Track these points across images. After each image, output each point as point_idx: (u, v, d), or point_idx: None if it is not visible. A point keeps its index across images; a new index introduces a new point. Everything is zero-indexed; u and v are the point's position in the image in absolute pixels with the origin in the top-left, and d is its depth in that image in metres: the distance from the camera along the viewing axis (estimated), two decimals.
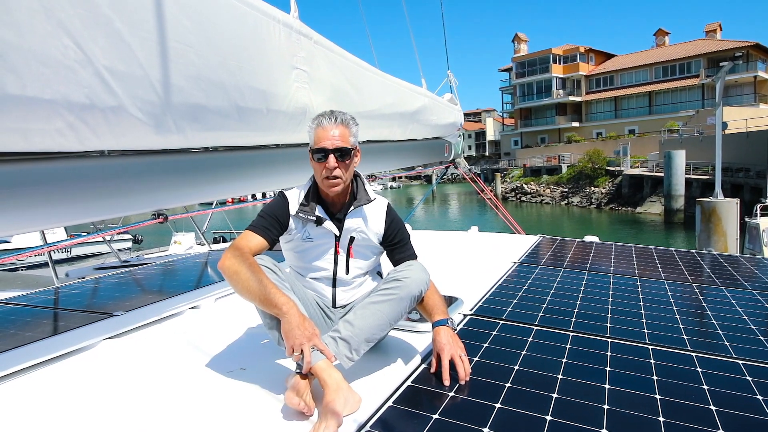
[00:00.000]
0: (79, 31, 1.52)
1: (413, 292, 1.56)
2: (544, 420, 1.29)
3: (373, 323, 1.50)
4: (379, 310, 1.52)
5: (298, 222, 1.68)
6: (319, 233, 1.68)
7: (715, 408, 1.36)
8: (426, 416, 1.30)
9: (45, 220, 1.69)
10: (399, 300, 1.53)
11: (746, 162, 22.85)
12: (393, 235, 1.74)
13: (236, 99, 2.19)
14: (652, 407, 1.36)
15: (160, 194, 2.09)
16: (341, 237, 1.70)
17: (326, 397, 1.30)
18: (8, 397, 1.51)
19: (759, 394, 1.45)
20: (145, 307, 2.43)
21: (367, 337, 1.49)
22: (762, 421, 1.30)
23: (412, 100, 4.01)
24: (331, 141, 1.60)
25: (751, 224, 10.94)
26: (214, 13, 2.07)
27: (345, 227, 1.69)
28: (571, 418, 1.30)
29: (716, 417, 1.31)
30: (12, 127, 1.44)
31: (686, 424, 1.28)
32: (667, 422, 1.28)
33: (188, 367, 1.68)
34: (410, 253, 1.77)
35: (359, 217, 1.70)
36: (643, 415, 1.32)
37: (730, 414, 1.33)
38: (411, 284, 1.55)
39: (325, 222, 1.67)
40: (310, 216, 1.65)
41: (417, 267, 1.62)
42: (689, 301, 2.40)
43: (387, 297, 1.54)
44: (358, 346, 1.48)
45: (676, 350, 1.77)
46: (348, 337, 1.47)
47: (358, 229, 1.70)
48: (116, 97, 1.67)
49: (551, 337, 1.86)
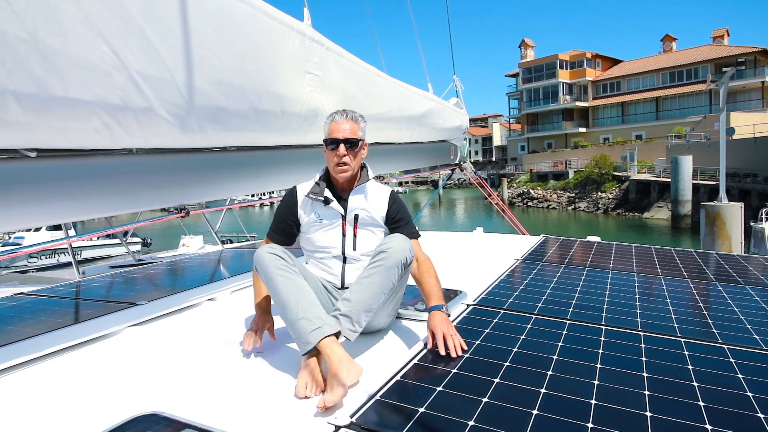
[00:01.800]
0: (115, 38, 1.67)
1: (398, 260, 1.70)
2: (539, 392, 1.41)
3: (367, 294, 1.65)
4: (371, 282, 1.67)
5: (308, 205, 1.90)
6: (328, 213, 1.89)
7: (698, 384, 1.48)
8: (431, 389, 1.43)
9: (81, 211, 1.84)
10: (386, 269, 1.68)
11: (754, 167, 22.82)
12: (395, 214, 1.92)
13: (254, 101, 2.33)
14: (639, 383, 1.47)
15: (182, 190, 2.23)
16: (347, 215, 1.90)
17: (331, 369, 1.43)
18: (40, 379, 1.63)
19: (740, 373, 1.57)
20: (165, 298, 2.57)
21: (365, 308, 1.64)
22: (739, 395, 1.42)
23: (419, 103, 4.14)
24: (342, 133, 1.85)
25: (756, 228, 10.98)
26: (234, 21, 2.22)
27: (349, 206, 1.90)
28: (563, 391, 1.42)
29: (698, 392, 1.43)
30: (55, 126, 1.59)
31: (670, 397, 1.39)
32: (652, 395, 1.40)
33: (208, 352, 1.82)
34: (411, 231, 1.93)
35: (362, 195, 1.91)
36: (630, 389, 1.44)
37: (711, 390, 1.45)
38: (394, 253, 1.70)
39: (332, 202, 1.88)
40: (319, 197, 1.87)
41: (398, 237, 1.78)
42: (683, 294, 2.51)
43: (376, 269, 1.69)
44: (358, 318, 1.62)
45: (666, 336, 1.88)
46: (347, 312, 1.61)
47: (361, 207, 1.90)
48: (146, 99, 1.82)
49: (549, 325, 1.98)
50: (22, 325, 2.18)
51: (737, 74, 35.93)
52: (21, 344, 1.92)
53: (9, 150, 1.60)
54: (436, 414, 1.29)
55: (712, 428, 1.24)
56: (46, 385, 1.58)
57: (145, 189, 2.07)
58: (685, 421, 1.27)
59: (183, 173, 2.24)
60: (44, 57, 1.47)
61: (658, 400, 1.37)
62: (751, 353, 1.74)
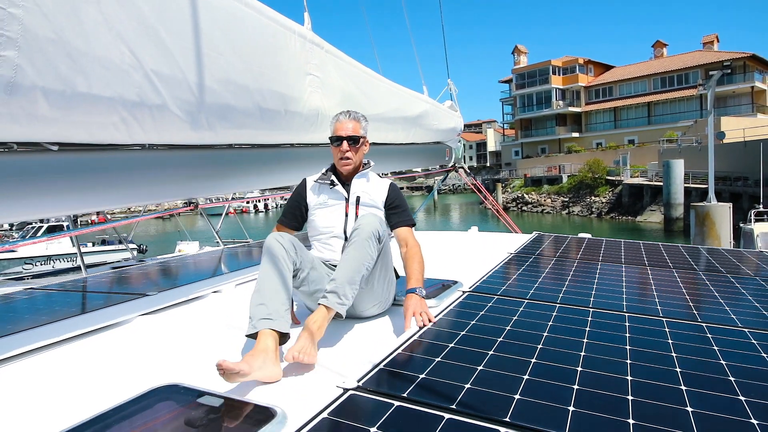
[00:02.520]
0: (132, 39, 1.79)
1: (369, 232, 1.83)
2: (529, 362, 1.53)
3: (348, 268, 1.78)
4: (349, 257, 1.80)
5: (316, 189, 2.13)
6: (333, 195, 2.11)
7: (676, 354, 1.60)
8: (430, 359, 1.54)
9: (98, 202, 1.95)
10: (360, 242, 1.82)
11: (744, 171, 23.12)
12: (392, 200, 2.13)
13: (259, 100, 2.46)
14: (622, 354, 1.60)
15: (192, 184, 2.35)
16: (349, 198, 2.10)
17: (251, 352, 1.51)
18: (60, 361, 1.73)
19: (715, 345, 1.69)
20: (172, 289, 2.68)
21: (348, 281, 1.75)
22: (713, 363, 1.54)
23: (415, 105, 4.28)
24: (345, 131, 2.10)
25: (745, 229, 11.18)
26: (240, 24, 2.35)
27: (351, 190, 2.12)
28: (552, 359, 1.54)
29: (676, 361, 1.55)
30: (78, 120, 1.70)
31: (649, 364, 1.52)
32: (634, 364, 1.52)
33: (217, 335, 1.93)
34: (406, 218, 2.14)
35: (363, 179, 2.14)
36: (613, 359, 1.56)
37: (688, 359, 1.57)
38: (365, 227, 1.84)
39: (337, 185, 2.10)
40: (326, 181, 2.11)
41: (368, 215, 1.93)
42: (667, 282, 2.64)
43: (351, 245, 1.84)
44: (344, 291, 1.73)
45: (649, 317, 2.01)
46: (333, 288, 1.73)
47: (363, 190, 2.12)
48: (161, 97, 1.93)
49: (540, 308, 2.11)
50: (37, 314, 2.28)
51: (727, 79, 36.46)
52: (37, 330, 2.02)
53: (34, 143, 1.71)
54: (436, 379, 1.41)
55: (686, 388, 1.36)
56: (67, 366, 1.69)
57: (157, 183, 2.18)
58: (663, 383, 1.39)
59: (193, 168, 2.36)
60: (69, 56, 1.59)
61: (639, 368, 1.49)
62: (727, 329, 1.87)
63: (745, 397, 1.31)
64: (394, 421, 1.18)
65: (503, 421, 1.18)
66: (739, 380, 1.42)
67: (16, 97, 1.47)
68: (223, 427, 1.23)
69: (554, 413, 1.22)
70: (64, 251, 17.90)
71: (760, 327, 1.90)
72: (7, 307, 2.55)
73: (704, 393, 1.33)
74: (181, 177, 2.30)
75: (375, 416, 1.20)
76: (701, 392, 1.34)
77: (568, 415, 1.20)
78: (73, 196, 1.87)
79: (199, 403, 1.34)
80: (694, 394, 1.32)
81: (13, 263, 16.67)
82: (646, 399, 1.29)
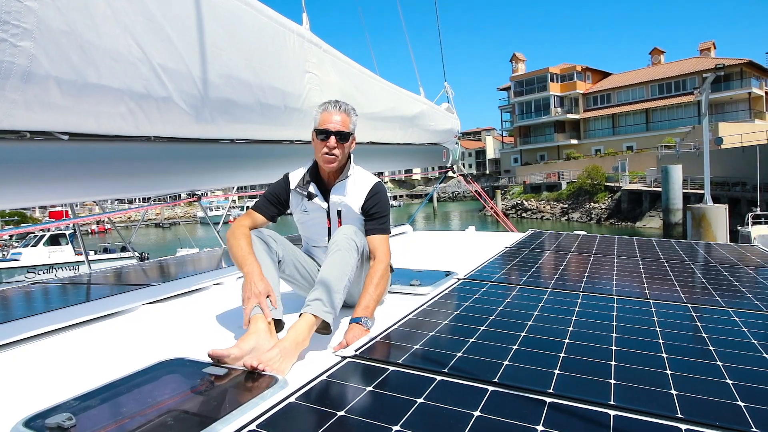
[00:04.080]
0: (139, 33, 1.88)
1: (344, 243, 1.76)
2: (519, 335, 1.60)
3: (330, 277, 1.69)
4: (330, 266, 1.73)
5: (297, 197, 2.01)
6: (313, 207, 2.00)
7: (660, 329, 1.67)
8: (425, 334, 1.62)
9: (105, 190, 2.03)
10: (339, 251, 1.75)
11: (743, 176, 23.24)
12: (370, 207, 1.96)
13: (259, 96, 2.54)
14: (608, 329, 1.67)
15: (195, 177, 2.43)
16: (330, 211, 1.98)
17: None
18: (62, 346, 1.78)
19: (698, 322, 1.77)
20: (175, 280, 2.75)
21: (334, 289, 1.65)
22: (696, 336, 1.61)
23: (412, 105, 4.37)
24: (333, 125, 1.90)
25: (743, 233, 11.27)
26: (241, 22, 2.44)
27: (331, 202, 1.97)
28: (541, 333, 1.61)
29: (659, 335, 1.62)
30: (88, 110, 1.78)
31: (634, 337, 1.59)
32: (619, 337, 1.59)
33: (220, 320, 2.00)
34: (380, 226, 1.94)
35: (342, 191, 1.97)
36: (600, 333, 1.63)
37: (671, 333, 1.64)
38: (338, 241, 1.78)
39: (315, 198, 1.97)
40: (304, 192, 1.97)
41: (341, 229, 1.85)
42: (656, 270, 2.71)
43: (331, 255, 1.76)
44: (329, 299, 1.63)
45: (636, 299, 2.08)
46: (316, 296, 1.62)
47: (342, 202, 1.97)
48: (166, 89, 2.02)
49: (531, 292, 2.18)
50: (46, 302, 2.35)
51: (724, 86, 36.70)
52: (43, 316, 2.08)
53: (45, 132, 1.80)
54: (430, 349, 1.48)
55: (667, 356, 1.43)
56: (73, 348, 1.75)
57: (162, 174, 2.27)
58: (646, 352, 1.46)
59: (196, 161, 2.44)
60: (81, 48, 1.67)
61: (624, 340, 1.57)
62: (711, 309, 1.94)
63: (722, 362, 1.38)
64: (388, 382, 1.26)
65: (492, 381, 1.25)
66: (718, 349, 1.49)
67: (31, 85, 1.55)
68: (228, 392, 1.30)
69: (541, 376, 1.29)
70: (67, 259, 17.99)
71: (743, 307, 1.97)
72: (13, 297, 2.62)
73: (684, 360, 1.40)
74: (185, 169, 2.39)
75: (371, 379, 1.28)
76: (682, 359, 1.41)
77: (553, 377, 1.28)
78: (82, 184, 1.95)
79: (204, 373, 1.41)
80: (674, 361, 1.39)
81: (16, 272, 16.75)
82: (628, 364, 1.36)
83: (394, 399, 1.15)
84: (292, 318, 1.66)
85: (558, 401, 1.14)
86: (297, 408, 1.12)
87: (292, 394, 1.19)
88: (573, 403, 1.13)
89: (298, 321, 1.56)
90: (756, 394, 1.18)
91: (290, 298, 2.14)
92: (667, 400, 1.14)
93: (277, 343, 1.47)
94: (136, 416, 1.17)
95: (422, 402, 1.14)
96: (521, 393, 1.18)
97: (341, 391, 1.21)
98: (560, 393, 1.18)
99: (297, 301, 1.94)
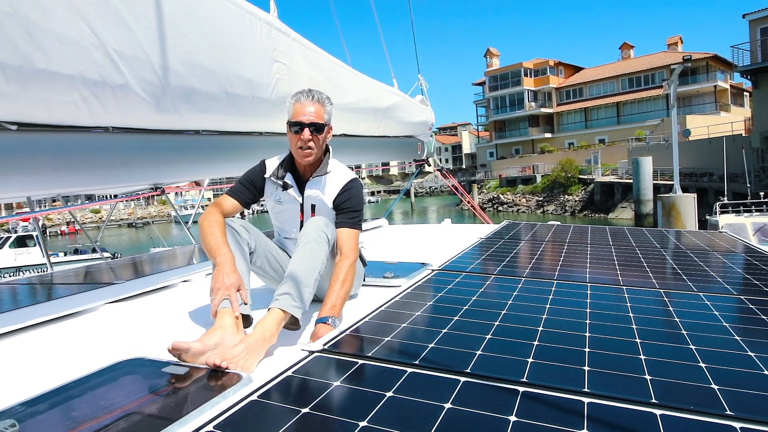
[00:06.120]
0: (92, 17, 1.78)
1: (314, 235, 1.71)
2: (492, 324, 1.56)
3: (300, 270, 1.64)
4: (299, 259, 1.67)
5: (272, 185, 1.95)
6: (287, 198, 1.94)
7: (633, 315, 1.66)
8: (396, 325, 1.57)
9: (59, 184, 1.92)
10: (309, 243, 1.69)
11: (710, 167, 23.86)
12: (342, 202, 1.90)
13: (225, 85, 2.45)
14: (582, 315, 1.65)
15: (158, 169, 2.33)
16: (304, 204, 1.93)
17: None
18: (16, 348, 1.68)
19: (671, 307, 1.76)
20: (141, 278, 2.64)
21: (302, 283, 1.60)
22: (668, 321, 1.60)
23: (385, 96, 4.32)
24: (307, 116, 1.82)
25: (711, 221, 11.56)
26: (205, 8, 2.34)
27: (306, 195, 1.92)
28: (515, 322, 1.58)
29: (632, 320, 1.61)
30: (37, 98, 1.68)
31: (607, 323, 1.57)
32: (593, 324, 1.57)
33: (185, 319, 1.92)
34: (349, 220, 1.88)
35: (319, 185, 1.91)
36: (574, 319, 1.61)
37: (644, 318, 1.63)
38: (308, 233, 1.72)
39: (290, 189, 1.91)
40: (279, 181, 1.91)
41: (312, 220, 1.80)
42: (629, 257, 2.72)
43: (300, 247, 1.71)
44: (298, 293, 1.57)
45: (609, 285, 2.07)
46: (285, 290, 1.57)
47: (316, 197, 1.91)
48: (123, 76, 1.92)
49: (505, 281, 2.15)
50: (1, 303, 2.23)
51: (691, 79, 37.58)
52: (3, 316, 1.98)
53: None
54: (400, 341, 1.43)
55: (641, 341, 1.41)
56: (28, 351, 1.65)
57: (121, 167, 2.16)
58: (619, 338, 1.44)
59: (158, 153, 2.34)
60: (27, 31, 1.57)
61: (598, 326, 1.54)
62: (683, 294, 1.94)
63: (695, 346, 1.37)
64: (357, 376, 1.20)
65: (464, 372, 1.21)
66: (691, 333, 1.48)
67: None
68: (189, 392, 1.23)
69: (514, 365, 1.25)
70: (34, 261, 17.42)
71: (714, 291, 1.98)
72: None
73: (658, 345, 1.39)
74: (147, 162, 2.29)
75: (339, 373, 1.22)
76: (655, 344, 1.39)
77: (526, 366, 1.24)
78: (33, 178, 1.84)
79: (164, 372, 1.34)
80: (647, 346, 1.37)
81: None
82: (602, 351, 1.34)
83: (363, 393, 1.10)
84: (260, 313, 1.59)
85: (531, 390, 1.10)
86: (259, 406, 1.06)
87: (254, 391, 1.13)
88: (546, 392, 1.10)
89: (266, 316, 1.50)
90: (728, 377, 1.17)
91: (260, 293, 2.07)
92: (642, 386, 1.12)
93: (243, 339, 1.41)
94: (88, 422, 1.10)
95: (391, 396, 1.09)
96: (494, 383, 1.14)
97: (307, 387, 1.15)
98: (533, 382, 1.14)
99: (267, 296, 1.87)
